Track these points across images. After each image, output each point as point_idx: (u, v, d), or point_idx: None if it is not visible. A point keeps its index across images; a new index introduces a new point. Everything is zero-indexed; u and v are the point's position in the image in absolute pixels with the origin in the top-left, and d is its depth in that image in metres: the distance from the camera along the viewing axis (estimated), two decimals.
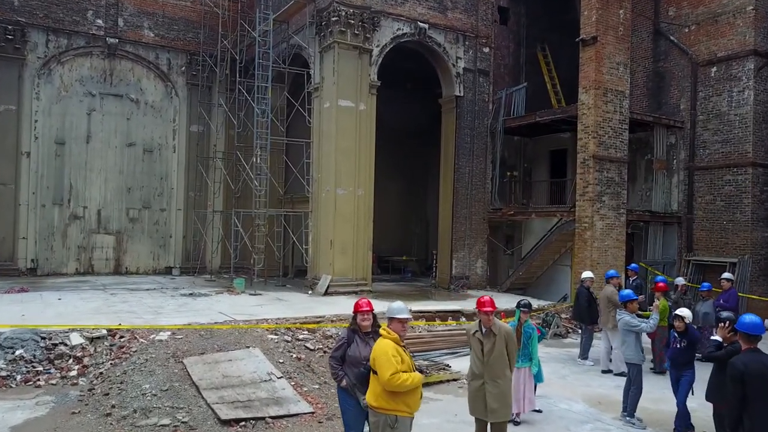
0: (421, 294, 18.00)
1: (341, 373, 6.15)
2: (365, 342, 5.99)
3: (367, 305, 6.09)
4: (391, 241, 24.60)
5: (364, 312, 6.05)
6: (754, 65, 17.13)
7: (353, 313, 6.20)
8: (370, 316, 6.06)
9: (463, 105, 19.48)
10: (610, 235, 16.62)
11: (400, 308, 5.40)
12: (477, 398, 6.37)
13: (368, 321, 6.04)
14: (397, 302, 5.53)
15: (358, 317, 6.06)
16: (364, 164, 17.27)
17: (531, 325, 8.34)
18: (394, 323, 5.35)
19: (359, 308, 6.07)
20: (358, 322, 6.07)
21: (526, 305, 8.37)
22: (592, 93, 16.32)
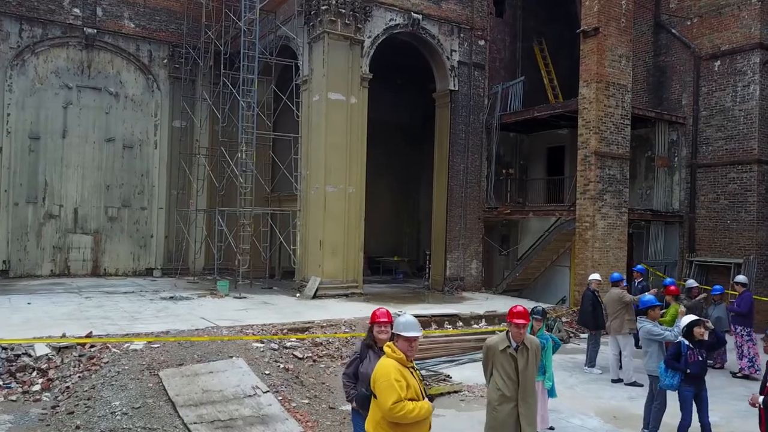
0: (414, 297, 17.21)
1: (353, 392, 5.43)
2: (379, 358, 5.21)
3: (385, 316, 5.37)
4: (382, 240, 23.80)
5: (381, 323, 5.32)
6: (760, 59, 16.54)
7: (369, 324, 5.48)
8: (389, 329, 5.27)
9: (457, 100, 18.72)
10: (611, 234, 15.95)
11: (409, 324, 4.58)
12: (507, 425, 5.47)
13: (386, 334, 5.27)
14: (406, 316, 4.71)
15: (375, 329, 5.35)
16: (356, 160, 16.46)
17: (545, 335, 7.61)
18: (401, 341, 4.53)
19: (376, 319, 5.36)
20: (374, 334, 5.36)
21: (540, 312, 7.63)
22: (594, 86, 15.63)
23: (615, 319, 10.18)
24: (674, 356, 6.95)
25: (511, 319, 5.52)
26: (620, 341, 10.19)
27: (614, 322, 10.19)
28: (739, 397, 9.59)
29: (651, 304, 7.49)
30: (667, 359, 7.00)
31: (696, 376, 7.05)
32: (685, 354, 6.96)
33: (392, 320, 5.24)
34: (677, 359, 6.95)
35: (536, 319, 7.59)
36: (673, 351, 6.98)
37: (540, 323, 7.61)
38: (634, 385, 9.97)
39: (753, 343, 10.95)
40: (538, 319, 7.64)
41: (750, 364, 10.86)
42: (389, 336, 5.20)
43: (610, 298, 10.43)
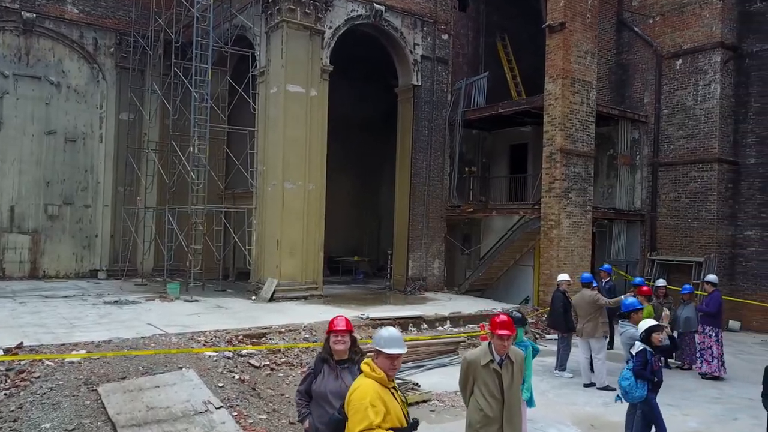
0: (376, 298, 16.61)
1: (305, 411, 4.72)
2: (335, 373, 4.56)
3: (343, 324, 4.62)
4: (342, 240, 23.10)
5: (338, 332, 4.59)
6: (721, 58, 16.60)
7: (326, 334, 4.74)
8: (347, 339, 4.62)
9: (420, 95, 18.21)
10: (576, 233, 15.71)
11: (392, 339, 3.96)
12: None
13: (344, 345, 4.60)
14: (389, 329, 4.09)
15: (331, 339, 4.61)
16: (316, 156, 15.74)
17: (525, 341, 7.08)
18: (382, 358, 3.91)
19: (333, 327, 4.62)
20: (330, 345, 4.62)
21: (520, 319, 7.06)
22: (560, 82, 15.35)
23: (588, 322, 9.78)
24: (643, 364, 6.53)
25: (495, 330, 4.91)
26: (593, 344, 9.81)
27: (587, 325, 9.79)
28: (713, 400, 9.37)
29: (634, 308, 7.07)
30: (637, 369, 6.51)
31: (660, 383, 6.68)
32: (651, 362, 6.55)
33: (351, 329, 4.62)
34: (645, 367, 6.53)
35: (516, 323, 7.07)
36: (641, 360, 6.53)
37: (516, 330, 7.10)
38: (607, 389, 9.60)
39: (720, 344, 10.77)
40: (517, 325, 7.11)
41: (720, 365, 10.68)
42: (347, 347, 4.56)
43: (581, 300, 10.02)
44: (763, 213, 16.50)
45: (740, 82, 16.98)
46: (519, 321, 6.98)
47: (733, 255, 16.93)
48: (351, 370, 4.54)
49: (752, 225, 16.67)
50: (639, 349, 6.63)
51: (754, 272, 16.56)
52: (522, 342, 6.94)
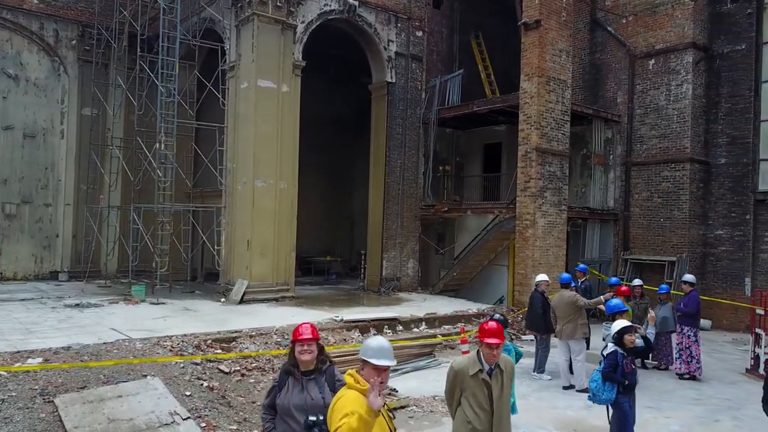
0: (350, 299, 16.26)
1: (269, 425, 4.34)
2: (301, 386, 4.19)
3: (309, 331, 4.22)
4: (314, 239, 22.67)
5: (304, 341, 4.20)
6: (693, 58, 16.69)
7: (290, 344, 4.36)
8: (314, 347, 4.24)
9: (394, 92, 17.92)
10: (551, 233, 15.62)
11: (382, 349, 3.63)
12: None
13: (310, 355, 4.22)
14: (378, 339, 3.75)
15: (297, 348, 4.22)
16: (287, 153, 15.32)
17: (508, 345, 6.79)
18: (368, 369, 3.58)
19: (299, 336, 4.21)
20: (296, 355, 4.23)
21: (503, 322, 6.81)
22: (535, 81, 15.21)
23: (567, 324, 9.59)
24: (612, 367, 6.31)
25: (484, 338, 4.61)
26: (572, 346, 9.63)
27: (567, 327, 9.60)
28: (692, 401, 9.28)
29: (619, 309, 6.87)
30: (605, 371, 6.29)
31: (632, 386, 6.47)
32: (622, 364, 6.34)
33: (318, 336, 4.25)
34: (615, 370, 6.33)
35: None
36: (611, 362, 6.32)
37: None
38: (587, 391, 9.41)
39: (699, 344, 10.73)
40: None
41: (698, 365, 10.63)
42: (314, 356, 4.20)
43: (560, 301, 9.83)
44: (733, 212, 16.65)
45: (711, 82, 17.12)
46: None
47: (704, 254, 17.06)
48: (318, 381, 4.21)
49: (722, 224, 16.82)
50: (609, 350, 6.39)
51: (725, 271, 16.71)
52: (505, 346, 6.67)
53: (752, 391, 9.90)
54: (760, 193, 16.27)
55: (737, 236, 16.53)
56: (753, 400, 9.34)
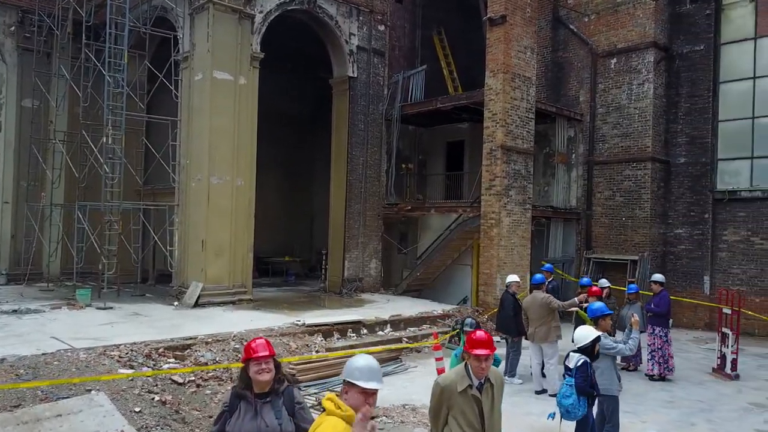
0: (310, 301, 15.66)
1: None
2: (255, 411, 3.65)
3: (264, 348, 3.65)
4: (271, 239, 21.91)
5: (260, 359, 3.63)
6: (654, 58, 16.76)
7: (243, 362, 3.77)
8: (271, 366, 3.68)
9: (356, 87, 17.39)
10: (516, 232, 15.39)
11: (369, 369, 3.13)
12: None
13: (268, 374, 3.66)
14: (365, 358, 3.24)
15: (252, 368, 3.64)
16: (245, 149, 14.61)
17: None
18: (354, 393, 3.07)
19: (253, 354, 3.63)
20: (251, 375, 3.66)
21: (473, 324, 6.40)
22: (501, 77, 14.95)
23: (541, 326, 9.29)
24: (586, 380, 5.95)
25: (472, 350, 4.14)
26: (545, 349, 9.34)
27: (540, 330, 9.30)
28: (666, 404, 9.10)
29: (602, 313, 6.54)
30: (582, 386, 5.90)
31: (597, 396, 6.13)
32: (591, 375, 6.01)
33: (274, 353, 3.69)
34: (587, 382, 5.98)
35: (468, 332, 6.34)
36: (584, 374, 5.94)
37: None
38: None
39: (670, 344, 10.62)
40: (471, 331, 6.35)
41: (666, 365, 10.51)
42: (271, 376, 3.65)
43: (533, 303, 9.51)
44: (693, 212, 16.80)
45: (671, 82, 17.24)
46: (474, 327, 6.30)
47: (664, 253, 17.17)
48: (274, 404, 3.67)
49: (682, 223, 16.96)
50: (580, 362, 5.97)
51: (684, 270, 16.85)
52: None
53: (721, 392, 9.84)
54: (718, 192, 16.46)
55: (696, 235, 16.68)
56: (724, 402, 9.27)
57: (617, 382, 6.48)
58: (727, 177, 16.54)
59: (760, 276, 15.66)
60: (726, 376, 10.70)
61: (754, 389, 10.07)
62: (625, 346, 6.40)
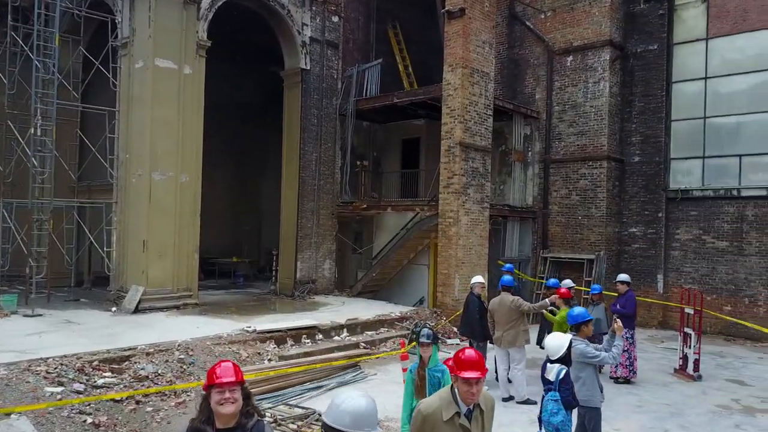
0: (261, 305, 14.83)
1: None
2: None
3: (231, 373, 2.98)
4: (218, 239, 20.89)
5: (224, 386, 2.96)
6: (610, 56, 16.71)
7: (204, 389, 3.06)
8: (238, 395, 3.00)
9: (309, 81, 16.65)
10: (474, 231, 15.02)
11: (365, 416, 2.52)
12: None
13: (233, 405, 2.98)
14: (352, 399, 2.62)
15: (215, 397, 2.96)
16: (190, 142, 13.68)
17: (440, 366, 5.55)
18: None
19: (217, 379, 2.96)
20: (213, 406, 2.97)
21: (430, 336, 5.68)
22: (459, 72, 14.53)
23: (509, 330, 8.84)
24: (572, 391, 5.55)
25: (460, 372, 3.56)
26: (513, 354, 8.91)
27: (507, 334, 8.85)
28: (636, 409, 8.83)
29: (583, 319, 6.11)
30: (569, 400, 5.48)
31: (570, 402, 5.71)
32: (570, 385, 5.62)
33: (243, 379, 3.02)
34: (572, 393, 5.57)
35: (423, 344, 5.58)
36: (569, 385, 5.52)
37: (428, 348, 5.58)
38: (527, 403, 8.77)
39: (635, 346, 10.41)
40: (426, 343, 5.58)
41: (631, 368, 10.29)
42: (238, 407, 2.96)
43: (501, 306, 9.04)
44: (646, 210, 16.87)
45: (625, 81, 17.26)
46: (431, 337, 5.66)
47: (619, 252, 17.19)
48: None
49: (636, 222, 17.00)
50: (562, 374, 5.52)
51: (638, 269, 16.89)
52: (438, 366, 5.57)
53: (687, 394, 9.67)
54: (671, 191, 16.57)
55: (650, 234, 16.75)
56: (691, 405, 9.08)
57: (600, 393, 6.06)
58: (680, 176, 16.67)
59: (711, 274, 15.83)
60: (688, 377, 10.58)
61: (717, 390, 9.95)
62: (608, 354, 5.99)
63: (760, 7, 15.40)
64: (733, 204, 15.60)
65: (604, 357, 5.94)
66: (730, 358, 12.64)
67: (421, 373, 5.56)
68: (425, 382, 5.53)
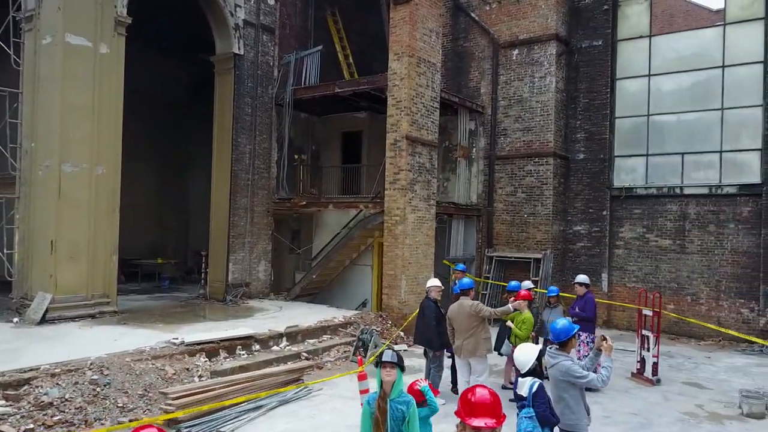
0: (189, 311, 13.45)
1: None
2: None
3: None
4: (141, 239, 19.23)
5: None
6: (556, 50, 16.37)
7: None
8: None
9: (242, 67, 15.37)
10: (420, 230, 14.25)
11: None
12: None
13: None
14: None
15: None
16: (108, 131, 12.15)
17: (405, 397, 4.53)
18: None
19: None
20: None
21: (395, 364, 4.50)
22: (406, 61, 13.69)
23: (469, 338, 8.03)
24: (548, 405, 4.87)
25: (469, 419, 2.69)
26: (474, 365, 8.11)
27: (468, 342, 8.03)
28: (604, 420, 8.24)
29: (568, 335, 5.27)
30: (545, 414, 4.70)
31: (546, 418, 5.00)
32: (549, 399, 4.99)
33: None
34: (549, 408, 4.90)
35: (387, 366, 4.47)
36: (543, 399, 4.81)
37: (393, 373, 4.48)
38: None
39: None
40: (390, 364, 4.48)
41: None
42: None
43: (459, 313, 8.20)
44: (591, 208, 16.65)
45: (570, 77, 16.99)
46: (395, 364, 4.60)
47: (564, 250, 16.90)
48: None
49: (581, 220, 16.76)
50: (535, 387, 4.81)
51: (583, 267, 16.60)
52: (402, 397, 4.50)
53: (650, 401, 9.23)
54: (615, 189, 16.43)
55: (595, 232, 16.54)
56: (657, 412, 8.61)
57: (586, 416, 5.33)
58: (624, 174, 16.55)
59: (654, 273, 15.76)
60: (647, 381, 10.18)
61: (678, 395, 9.58)
62: (597, 376, 5.25)
63: (700, 4, 15.46)
64: (676, 202, 15.58)
65: (592, 379, 5.21)
66: (680, 359, 12.43)
67: (382, 405, 4.41)
68: (386, 416, 4.38)
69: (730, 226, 14.79)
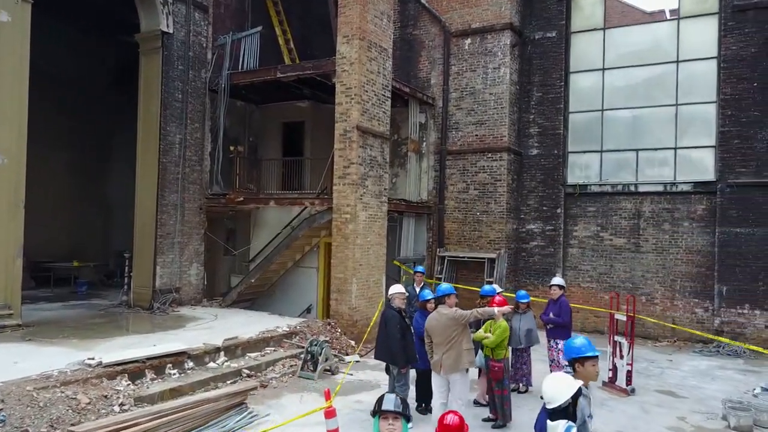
0: (110, 322, 11.75)
1: None
2: None
3: None
4: (54, 239, 17.13)
5: None
6: (510, 41, 15.65)
7: None
8: None
9: (172, 47, 13.76)
10: (372, 228, 13.16)
11: None
12: None
13: None
14: None
15: None
16: (10, 114, 10.34)
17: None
18: None
19: None
20: None
21: (400, 413, 3.49)
22: (356, 44, 12.53)
23: (449, 351, 6.85)
24: None
25: None
26: (453, 382, 6.98)
27: (447, 356, 6.86)
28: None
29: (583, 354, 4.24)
30: None
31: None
32: None
33: None
34: None
35: (388, 416, 3.31)
36: None
37: (397, 427, 3.41)
38: None
39: None
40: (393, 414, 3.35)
41: None
42: None
43: (438, 324, 6.99)
44: (545, 206, 16.06)
45: (524, 69, 16.34)
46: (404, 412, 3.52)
47: (517, 250, 16.24)
48: None
49: (534, 218, 16.15)
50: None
51: (537, 267, 16.07)
52: None
53: (628, 413, 8.52)
54: (569, 186, 15.90)
55: (549, 231, 15.96)
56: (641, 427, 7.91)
57: None
58: (578, 170, 16.05)
59: (609, 272, 15.32)
60: (621, 391, 9.50)
61: (656, 406, 8.92)
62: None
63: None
64: (631, 200, 15.19)
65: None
66: (643, 363, 11.90)
67: None
68: None
69: (684, 224, 14.50)
